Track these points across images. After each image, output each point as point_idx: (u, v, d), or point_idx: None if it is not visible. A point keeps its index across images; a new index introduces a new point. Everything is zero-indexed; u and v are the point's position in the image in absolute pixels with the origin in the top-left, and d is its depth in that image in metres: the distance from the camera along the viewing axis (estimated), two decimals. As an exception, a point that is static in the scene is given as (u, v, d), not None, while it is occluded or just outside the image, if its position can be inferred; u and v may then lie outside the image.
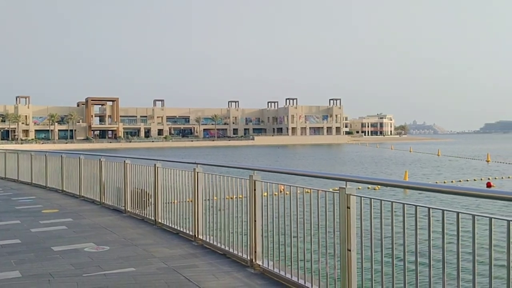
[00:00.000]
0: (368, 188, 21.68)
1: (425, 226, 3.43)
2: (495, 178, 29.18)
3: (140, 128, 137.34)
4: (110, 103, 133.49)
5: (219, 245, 6.56)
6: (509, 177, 30.23)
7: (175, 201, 8.01)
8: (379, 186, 21.02)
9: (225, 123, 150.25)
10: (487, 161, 45.99)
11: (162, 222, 8.47)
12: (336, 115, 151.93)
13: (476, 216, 3.14)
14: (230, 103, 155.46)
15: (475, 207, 16.82)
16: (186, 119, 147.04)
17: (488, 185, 25.10)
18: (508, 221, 2.94)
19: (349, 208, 4.20)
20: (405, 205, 3.68)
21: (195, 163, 7.30)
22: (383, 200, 3.93)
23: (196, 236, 7.20)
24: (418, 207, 3.56)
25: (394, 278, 3.70)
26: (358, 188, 20.14)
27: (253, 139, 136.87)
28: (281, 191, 5.38)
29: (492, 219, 3.05)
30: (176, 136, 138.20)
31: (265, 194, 5.65)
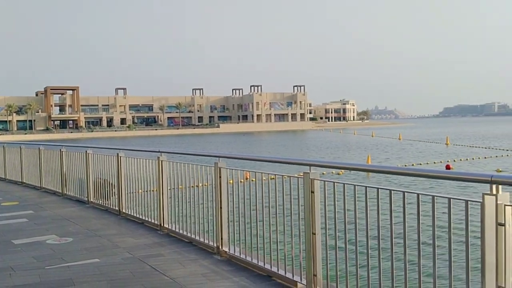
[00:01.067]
0: (332, 173, 22.06)
1: (388, 208, 3.51)
2: (454, 161, 30.16)
3: (102, 117, 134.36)
4: (70, 92, 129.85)
5: (185, 233, 6.54)
6: (467, 159, 31.31)
7: (140, 190, 7.92)
8: (343, 171, 21.39)
9: (189, 111, 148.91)
10: (446, 144, 47.43)
11: (127, 212, 8.36)
12: (300, 102, 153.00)
13: (435, 197, 3.23)
14: (194, 90, 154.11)
15: (435, 189, 17.35)
16: (150, 108, 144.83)
17: (448, 167, 25.92)
18: (466, 201, 3.04)
19: (313, 192, 4.26)
20: (367, 188, 3.75)
21: (159, 151, 7.21)
22: (346, 183, 3.99)
23: (162, 225, 7.15)
24: (379, 189, 3.64)
25: (358, 260, 3.78)
26: (323, 173, 20.48)
27: (218, 126, 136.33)
28: (247, 178, 5.39)
29: (451, 199, 3.14)
30: (139, 125, 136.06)
31: (231, 181, 5.65)
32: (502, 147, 40.97)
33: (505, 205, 2.85)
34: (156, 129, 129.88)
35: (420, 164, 29.43)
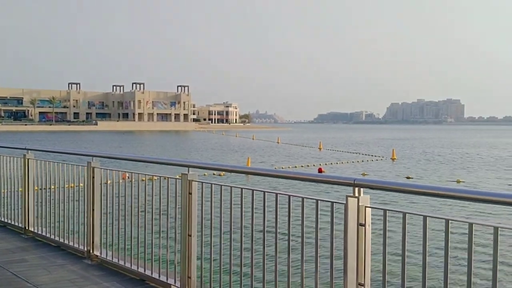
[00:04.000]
0: (214, 174, 22.23)
1: (263, 209, 3.61)
2: (325, 164, 32.19)
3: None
4: None
5: (53, 237, 6.11)
6: (337, 163, 33.62)
7: (4, 190, 7.23)
8: (224, 173, 21.64)
9: (64, 106, 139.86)
10: (319, 149, 50.48)
11: (-14, 215, 7.58)
12: (184, 102, 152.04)
13: (305, 199, 3.40)
14: (70, 85, 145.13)
15: (310, 191, 18.33)
16: (19, 101, 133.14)
17: (320, 170, 27.59)
18: (332, 202, 3.25)
19: (191, 194, 4.24)
20: (243, 189, 3.83)
21: (25, 148, 6.66)
22: (223, 185, 4.04)
23: (27, 228, 6.60)
24: (254, 191, 3.74)
25: (232, 262, 3.85)
26: (204, 175, 20.48)
27: (96, 124, 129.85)
28: (124, 178, 5.20)
29: (318, 201, 3.33)
30: (7, 119, 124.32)
31: (109, 181, 5.41)
32: (368, 152, 44.73)
33: (365, 206, 3.09)
34: (25, 124, 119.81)
35: (296, 167, 30.92)
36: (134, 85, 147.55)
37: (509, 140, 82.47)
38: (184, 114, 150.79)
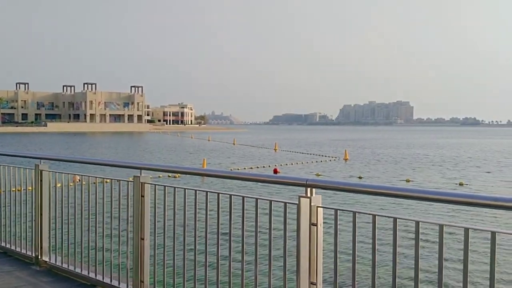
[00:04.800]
0: (169, 176, 21.97)
1: (224, 211, 3.59)
2: (281, 165, 32.48)
3: None
4: None
5: None
6: (292, 164, 33.99)
7: None
8: (179, 175, 21.40)
9: (12, 107, 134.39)
10: (275, 150, 50.88)
11: None
12: (138, 103, 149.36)
13: (258, 200, 3.42)
14: (18, 84, 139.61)
15: (266, 192, 18.44)
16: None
17: (275, 171, 27.81)
18: (285, 203, 3.28)
19: (143, 196, 4.17)
20: (197, 191, 3.80)
21: None
22: (177, 187, 4.00)
23: None
24: (208, 192, 3.72)
25: (186, 265, 3.82)
26: (159, 177, 20.16)
27: (45, 125, 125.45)
28: (75, 181, 5.05)
29: (272, 201, 3.36)
30: None
31: (59, 184, 5.23)
32: (322, 153, 45.49)
33: (317, 206, 3.15)
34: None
35: (252, 168, 31.02)
36: (86, 85, 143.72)
37: (454, 140, 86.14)
38: (138, 115, 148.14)
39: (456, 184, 24.03)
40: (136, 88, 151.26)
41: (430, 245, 9.44)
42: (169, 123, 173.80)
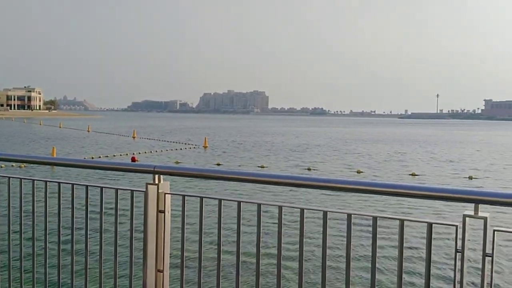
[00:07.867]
0: (13, 166, 20.23)
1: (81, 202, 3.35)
2: (139, 153, 31.66)
3: None
4: None
5: None
6: (151, 152, 33.34)
7: None
8: (25, 164, 19.73)
9: None
10: (134, 138, 49.40)
11: None
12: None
13: (103, 188, 3.27)
14: None
15: (116, 181, 17.83)
16: None
17: (133, 159, 27.03)
18: (132, 190, 3.18)
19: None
20: (48, 182, 3.49)
21: None
22: (23, 178, 3.61)
23: None
24: (61, 183, 3.43)
25: (48, 267, 3.51)
26: (1, 167, 18.46)
27: None
28: None
29: (118, 190, 3.23)
30: None
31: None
32: (182, 140, 45.42)
33: (165, 193, 3.11)
34: None
35: (107, 156, 29.72)
36: None
37: (301, 129, 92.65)
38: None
39: (305, 169, 25.91)
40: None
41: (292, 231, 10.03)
42: (14, 108, 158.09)
